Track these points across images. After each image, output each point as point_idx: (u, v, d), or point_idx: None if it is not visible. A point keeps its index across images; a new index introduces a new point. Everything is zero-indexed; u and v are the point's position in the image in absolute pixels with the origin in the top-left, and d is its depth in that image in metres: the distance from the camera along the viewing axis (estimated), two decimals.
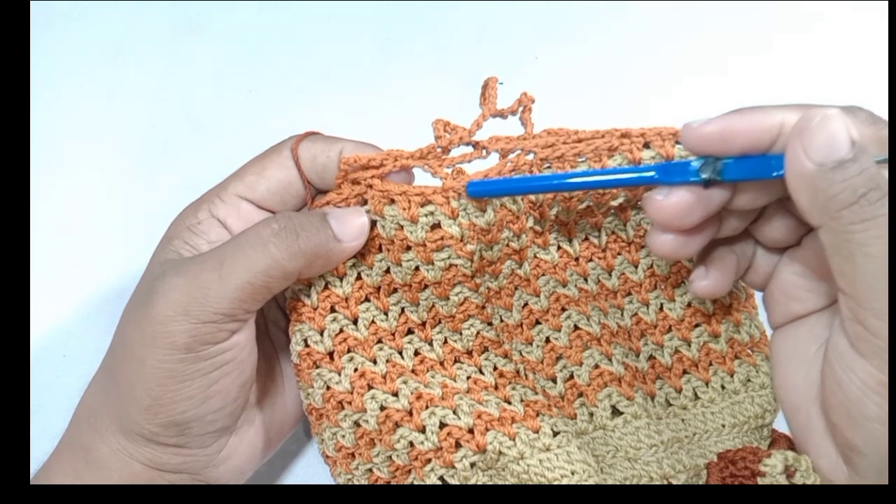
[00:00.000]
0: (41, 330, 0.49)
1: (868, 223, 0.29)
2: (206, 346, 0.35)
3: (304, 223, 0.36)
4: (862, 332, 0.30)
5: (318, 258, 0.36)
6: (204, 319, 0.34)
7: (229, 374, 0.36)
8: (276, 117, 0.55)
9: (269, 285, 0.35)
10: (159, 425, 0.35)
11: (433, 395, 0.39)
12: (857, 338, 0.31)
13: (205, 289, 0.34)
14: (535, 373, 0.41)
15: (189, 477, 0.37)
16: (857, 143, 0.29)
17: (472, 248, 0.38)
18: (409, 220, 0.37)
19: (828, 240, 0.30)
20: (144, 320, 0.35)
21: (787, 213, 0.35)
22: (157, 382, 0.34)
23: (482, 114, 0.38)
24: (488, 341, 0.41)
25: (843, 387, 0.32)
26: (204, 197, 0.39)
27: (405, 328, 0.40)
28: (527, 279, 0.40)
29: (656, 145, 0.38)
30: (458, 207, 0.37)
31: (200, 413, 0.35)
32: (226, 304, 0.34)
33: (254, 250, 0.35)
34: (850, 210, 0.29)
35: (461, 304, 0.40)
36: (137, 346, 0.35)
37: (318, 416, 0.40)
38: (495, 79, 0.38)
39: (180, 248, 0.37)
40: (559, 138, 0.38)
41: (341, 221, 0.37)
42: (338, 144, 0.38)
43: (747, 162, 0.32)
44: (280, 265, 0.35)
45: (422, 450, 0.38)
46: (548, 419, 0.40)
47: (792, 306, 0.37)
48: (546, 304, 0.40)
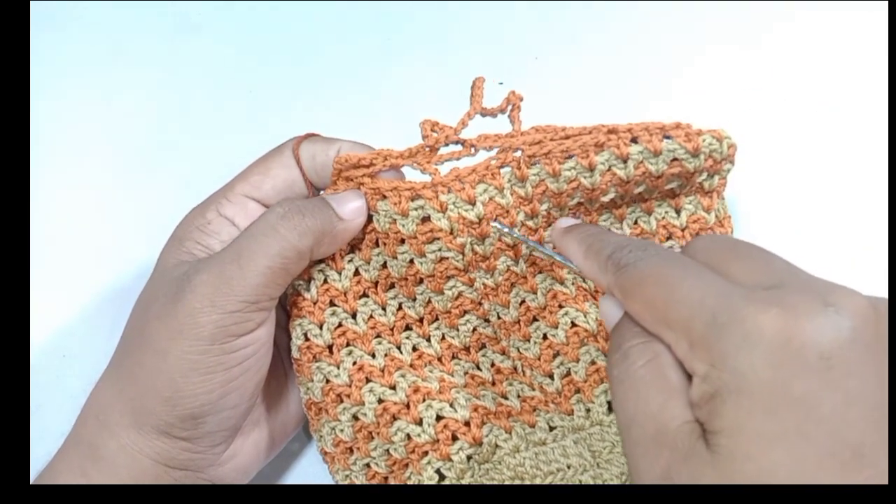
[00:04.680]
0: (41, 330, 0.49)
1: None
2: (230, 337, 0.36)
3: (306, 205, 0.38)
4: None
5: (325, 235, 0.38)
6: (230, 309, 0.36)
7: (248, 371, 0.37)
8: (276, 117, 0.55)
9: (287, 267, 0.37)
10: (177, 417, 0.36)
11: (430, 388, 0.39)
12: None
13: (228, 279, 0.36)
14: (533, 369, 0.41)
15: (194, 475, 0.38)
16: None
17: (463, 240, 0.39)
18: (400, 214, 0.38)
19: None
20: (170, 316, 0.36)
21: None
22: (180, 374, 0.35)
23: (468, 112, 0.39)
24: (486, 338, 0.41)
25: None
26: (210, 198, 0.40)
27: (403, 324, 0.41)
28: (524, 276, 0.40)
29: (644, 140, 0.38)
30: (447, 201, 0.38)
31: (218, 408, 0.36)
32: (250, 291, 0.36)
33: (265, 236, 0.37)
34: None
35: (456, 298, 0.40)
36: (161, 339, 0.36)
37: (317, 411, 0.41)
38: (482, 79, 0.39)
39: (193, 249, 0.39)
40: (547, 135, 0.39)
41: (341, 202, 0.39)
42: (336, 144, 0.40)
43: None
44: (292, 245, 0.37)
45: (419, 442, 0.39)
46: (544, 415, 0.40)
47: None
48: (543, 302, 0.41)
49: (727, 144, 0.40)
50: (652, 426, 0.30)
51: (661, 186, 0.40)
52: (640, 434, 0.30)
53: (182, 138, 0.55)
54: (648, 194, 0.41)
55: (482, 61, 0.43)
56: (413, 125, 0.39)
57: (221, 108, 0.56)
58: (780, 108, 0.52)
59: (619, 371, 0.32)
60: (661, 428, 0.30)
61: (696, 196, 0.42)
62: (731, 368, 0.27)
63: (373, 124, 0.52)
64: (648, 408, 0.30)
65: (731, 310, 0.28)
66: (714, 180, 0.41)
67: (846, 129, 0.51)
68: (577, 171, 0.39)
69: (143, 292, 0.39)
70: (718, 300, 0.29)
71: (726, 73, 0.54)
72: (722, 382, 0.28)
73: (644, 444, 0.30)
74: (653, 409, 0.30)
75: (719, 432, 0.27)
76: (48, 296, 0.49)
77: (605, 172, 0.39)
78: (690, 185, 0.41)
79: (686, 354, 0.29)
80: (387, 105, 0.55)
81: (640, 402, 0.31)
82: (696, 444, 0.28)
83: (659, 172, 0.39)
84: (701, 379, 0.28)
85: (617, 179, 0.39)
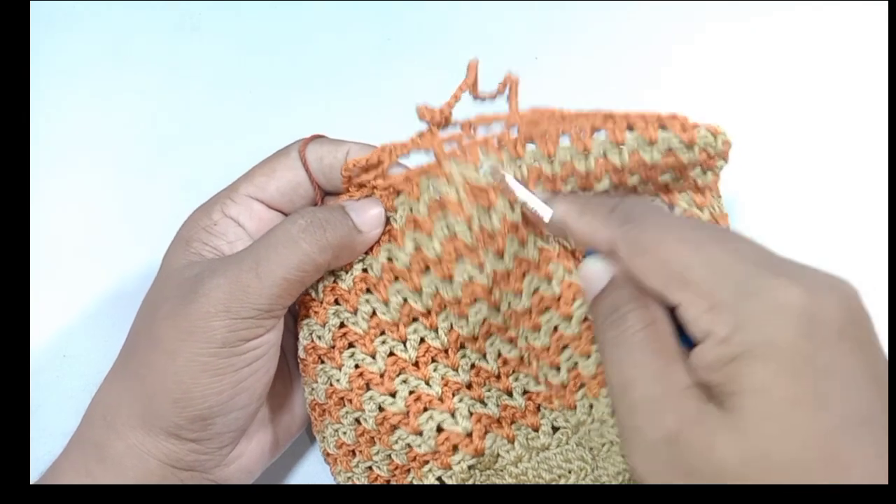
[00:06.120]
0: (42, 330, 0.49)
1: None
2: (241, 341, 0.36)
3: (328, 217, 0.38)
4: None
5: (344, 249, 0.38)
6: (244, 315, 0.36)
7: (257, 372, 0.37)
8: (276, 117, 0.55)
9: (303, 279, 0.37)
10: (186, 419, 0.36)
11: (432, 395, 0.39)
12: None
13: (245, 287, 0.36)
14: (540, 360, 0.40)
15: (199, 475, 0.38)
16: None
17: (470, 211, 0.37)
18: (415, 201, 0.38)
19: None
20: (180, 317, 0.36)
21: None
22: (189, 375, 0.35)
23: (459, 87, 0.38)
24: (495, 328, 0.40)
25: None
26: (214, 198, 0.40)
27: (409, 318, 0.40)
28: (536, 264, 0.39)
29: (640, 128, 0.38)
30: (451, 168, 0.38)
31: (227, 409, 0.36)
32: (265, 301, 0.36)
33: (286, 248, 0.37)
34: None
35: (467, 283, 0.38)
36: (171, 341, 0.36)
37: (320, 413, 0.40)
38: (477, 60, 0.39)
39: (201, 250, 0.38)
40: (544, 117, 0.39)
41: (360, 212, 0.39)
42: (344, 146, 0.40)
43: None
44: (312, 259, 0.37)
45: (419, 452, 0.38)
46: (549, 414, 0.39)
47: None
48: (558, 291, 0.39)
49: (722, 140, 0.39)
50: (656, 388, 0.30)
51: (654, 178, 0.40)
52: (640, 397, 0.31)
53: (182, 138, 0.55)
54: (642, 187, 0.41)
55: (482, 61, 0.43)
56: (413, 125, 0.39)
57: (222, 108, 0.56)
58: (781, 107, 0.52)
59: (615, 333, 0.32)
60: (665, 390, 0.30)
61: (689, 193, 0.42)
62: (760, 333, 0.28)
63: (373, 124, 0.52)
64: (648, 371, 0.31)
65: (761, 278, 0.29)
66: (707, 177, 0.41)
67: (846, 129, 0.51)
68: (572, 154, 0.38)
69: (150, 292, 0.39)
70: (748, 267, 0.30)
71: (728, 74, 0.54)
72: (748, 346, 0.28)
73: (646, 406, 0.30)
74: (654, 372, 0.31)
75: (740, 393, 0.28)
76: (48, 296, 0.49)
77: (600, 158, 0.39)
78: (684, 179, 0.41)
79: (701, 315, 0.30)
80: (387, 105, 0.54)
81: (640, 365, 0.31)
82: (706, 406, 0.29)
83: (653, 162, 0.39)
84: (720, 341, 0.29)
85: (611, 166, 0.39)
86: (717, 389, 0.29)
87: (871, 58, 0.53)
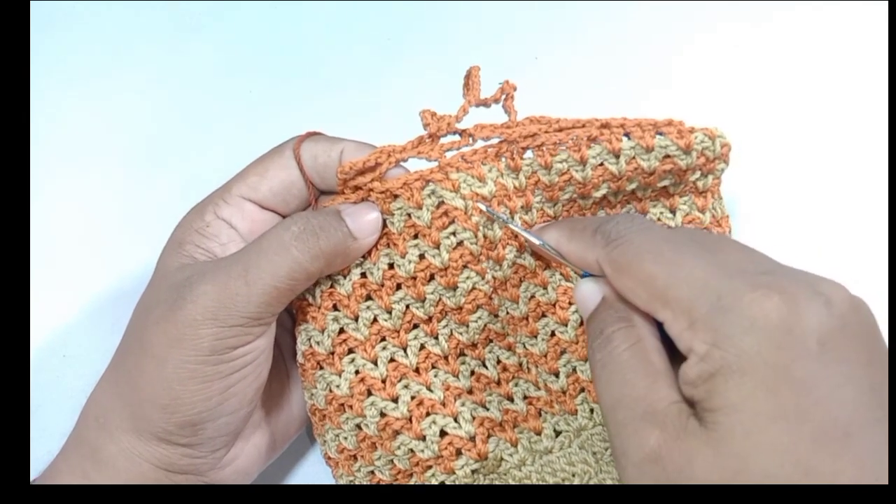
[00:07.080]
0: (42, 330, 0.49)
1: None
2: (229, 349, 0.35)
3: (322, 223, 0.37)
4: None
5: (338, 256, 0.37)
6: (231, 323, 0.35)
7: (247, 378, 0.37)
8: (276, 117, 0.55)
9: (294, 287, 0.36)
10: (175, 424, 0.36)
11: (434, 400, 0.39)
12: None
13: (233, 295, 0.35)
14: (538, 366, 0.40)
15: (195, 478, 0.38)
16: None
17: (476, 220, 0.38)
18: (415, 207, 0.38)
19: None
20: (169, 323, 0.35)
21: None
22: (178, 382, 0.35)
23: (467, 101, 0.38)
24: (494, 334, 0.40)
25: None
26: (207, 199, 0.40)
27: (410, 325, 0.40)
28: (533, 271, 0.40)
29: (636, 136, 0.38)
30: (458, 179, 0.38)
31: (216, 414, 0.36)
32: (253, 309, 0.35)
33: (277, 255, 0.36)
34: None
35: (470, 291, 0.39)
36: (160, 347, 0.35)
37: (320, 417, 0.40)
38: (478, 67, 0.39)
39: (194, 253, 0.38)
40: (542, 126, 0.39)
41: (355, 218, 0.38)
42: (339, 145, 0.39)
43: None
44: (303, 267, 0.36)
45: (422, 457, 0.38)
46: (550, 418, 0.39)
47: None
48: (554, 297, 0.40)
49: (720, 143, 0.39)
50: (639, 407, 0.30)
51: (653, 184, 0.40)
52: (627, 416, 0.31)
53: (182, 138, 0.55)
54: (642, 193, 0.41)
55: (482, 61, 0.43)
56: (413, 125, 0.39)
57: (222, 108, 0.56)
58: (781, 107, 0.52)
59: (602, 355, 0.32)
60: (650, 409, 0.30)
61: (690, 196, 0.42)
62: (735, 349, 0.28)
63: (373, 124, 0.52)
64: (635, 390, 0.31)
65: (736, 293, 0.29)
66: (708, 180, 0.41)
67: (847, 128, 0.51)
68: (569, 164, 0.38)
69: (143, 295, 0.39)
70: (722, 282, 0.29)
71: (728, 75, 0.54)
72: (725, 362, 0.28)
73: (631, 426, 0.30)
74: (639, 391, 0.31)
75: (718, 410, 0.28)
76: (48, 296, 0.49)
77: (597, 167, 0.39)
78: (684, 184, 0.41)
79: (683, 333, 0.30)
80: (387, 105, 0.55)
81: (626, 384, 0.31)
82: (688, 423, 0.29)
83: (651, 169, 0.39)
84: (700, 358, 0.29)
85: (609, 174, 0.39)
86: (699, 406, 0.29)
87: (871, 58, 0.53)
